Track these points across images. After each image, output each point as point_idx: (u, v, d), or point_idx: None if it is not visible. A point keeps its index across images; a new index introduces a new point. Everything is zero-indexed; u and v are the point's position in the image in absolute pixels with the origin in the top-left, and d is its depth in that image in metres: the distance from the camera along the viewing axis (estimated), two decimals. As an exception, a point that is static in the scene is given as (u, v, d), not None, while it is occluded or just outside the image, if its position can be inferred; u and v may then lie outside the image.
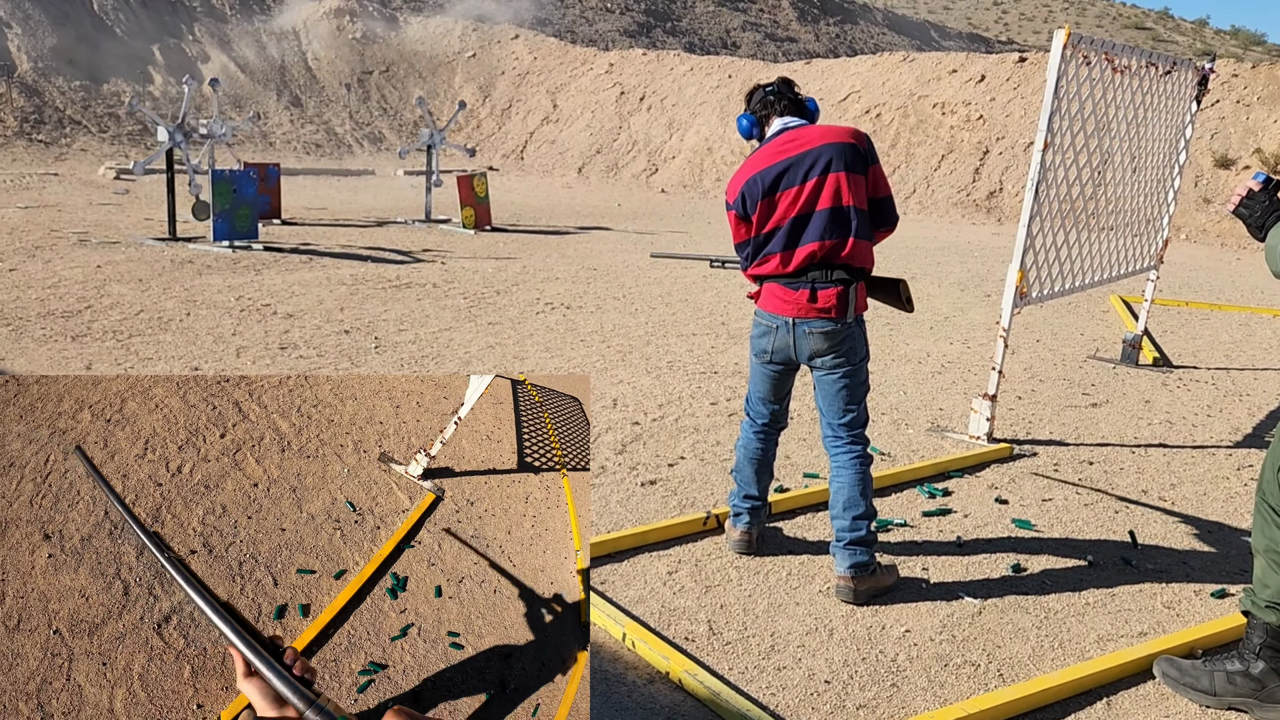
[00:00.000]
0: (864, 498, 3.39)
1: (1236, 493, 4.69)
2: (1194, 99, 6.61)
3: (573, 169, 22.51)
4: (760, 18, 42.12)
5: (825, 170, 3.31)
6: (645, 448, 4.83)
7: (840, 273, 3.35)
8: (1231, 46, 57.18)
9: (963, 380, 6.46)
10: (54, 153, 18.72)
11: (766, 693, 2.85)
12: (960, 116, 19.24)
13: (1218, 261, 13.87)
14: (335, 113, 23.96)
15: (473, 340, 6.76)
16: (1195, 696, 2.91)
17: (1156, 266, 7.00)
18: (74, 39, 21.63)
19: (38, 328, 6.47)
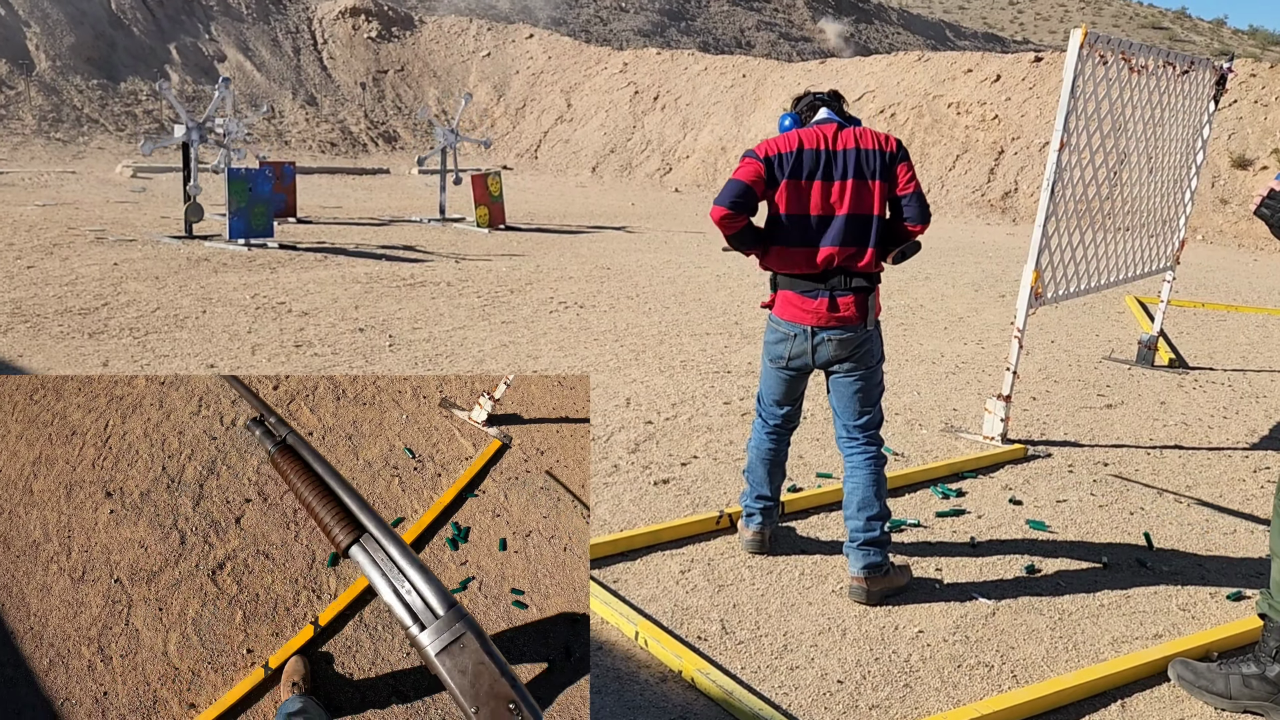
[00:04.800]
0: (879, 498, 3.39)
1: (1253, 495, 4.66)
2: (1212, 99, 6.57)
3: (587, 168, 22.53)
4: (775, 17, 42.06)
5: (858, 175, 3.28)
6: (658, 447, 4.83)
7: (859, 280, 3.34)
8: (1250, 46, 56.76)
9: (977, 381, 6.44)
10: (72, 151, 18.85)
11: (779, 692, 2.85)
12: (975, 116, 19.16)
13: (1235, 262, 13.78)
14: (350, 111, 24.04)
15: (486, 339, 6.78)
16: (1211, 699, 2.90)
17: (1173, 267, 6.96)
18: (92, 38, 21.77)
19: (55, 324, 6.52)
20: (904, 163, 3.35)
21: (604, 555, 3.58)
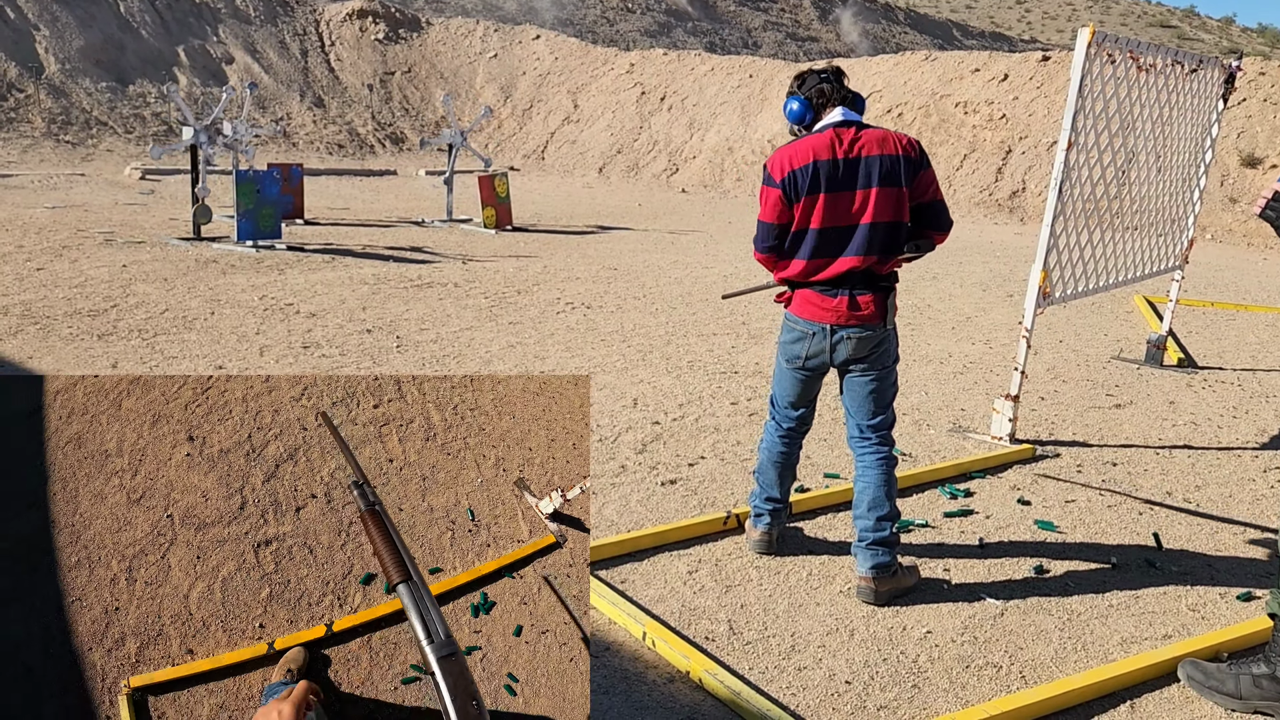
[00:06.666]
0: (889, 499, 3.38)
1: (1262, 495, 4.64)
2: (1220, 97, 6.55)
3: (593, 169, 22.54)
4: (782, 17, 42.02)
5: (881, 182, 3.24)
6: (666, 447, 4.83)
7: (880, 280, 3.33)
8: (1259, 44, 56.56)
9: (985, 381, 6.42)
10: (81, 153, 18.92)
11: (787, 693, 2.85)
12: (983, 116, 19.13)
13: (1244, 262, 13.73)
14: (358, 113, 24.09)
15: (494, 340, 6.79)
16: (1220, 700, 2.89)
17: (1181, 266, 6.93)
18: (100, 41, 21.85)
19: (65, 326, 6.54)
20: (928, 170, 3.33)
21: (611, 556, 3.59)
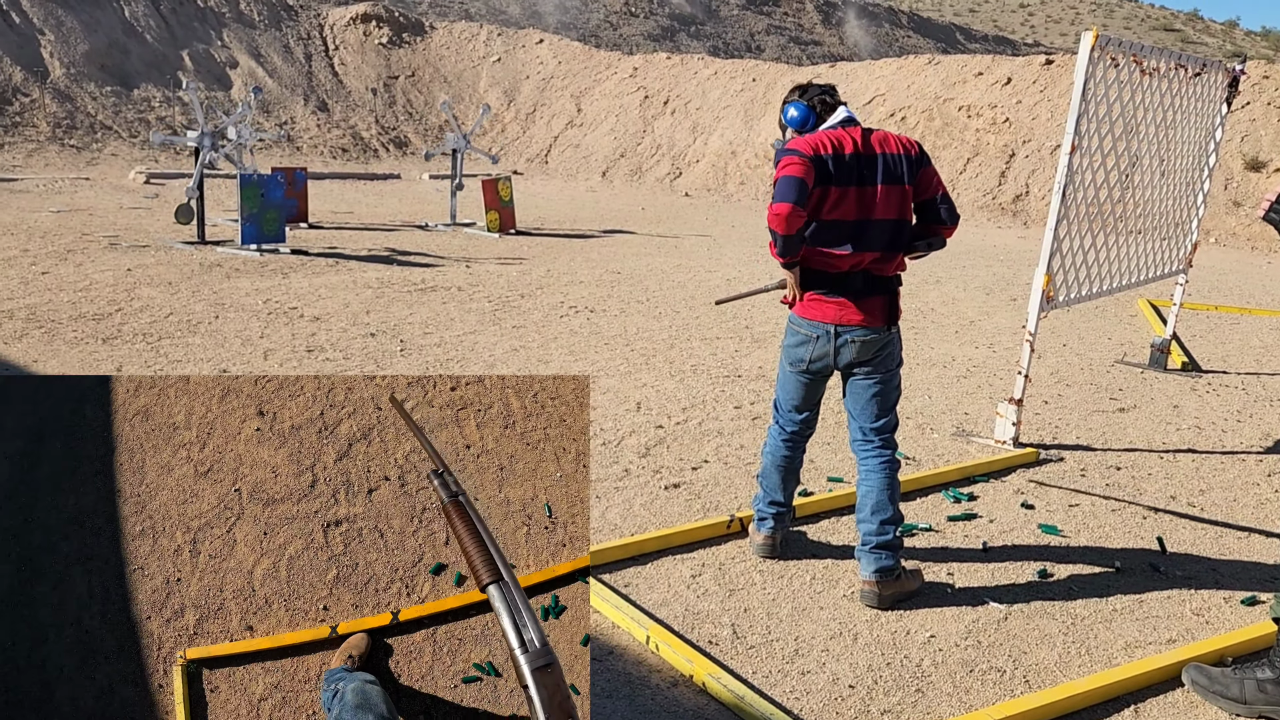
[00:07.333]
0: (892, 502, 3.38)
1: (1267, 499, 4.64)
2: (1224, 101, 6.55)
3: (597, 173, 22.56)
4: (785, 21, 42.06)
5: (887, 180, 3.27)
6: (669, 451, 4.83)
7: (884, 281, 3.34)
8: (1262, 48, 56.53)
9: (988, 384, 6.42)
10: (85, 157, 18.96)
11: (790, 697, 2.85)
12: (986, 119, 19.13)
13: (1248, 265, 13.71)
14: (361, 117, 24.13)
15: (497, 343, 6.79)
16: (1225, 705, 2.88)
17: (1185, 270, 6.93)
18: (105, 45, 21.91)
19: (69, 330, 6.56)
20: (929, 166, 3.36)
21: (615, 560, 3.59)
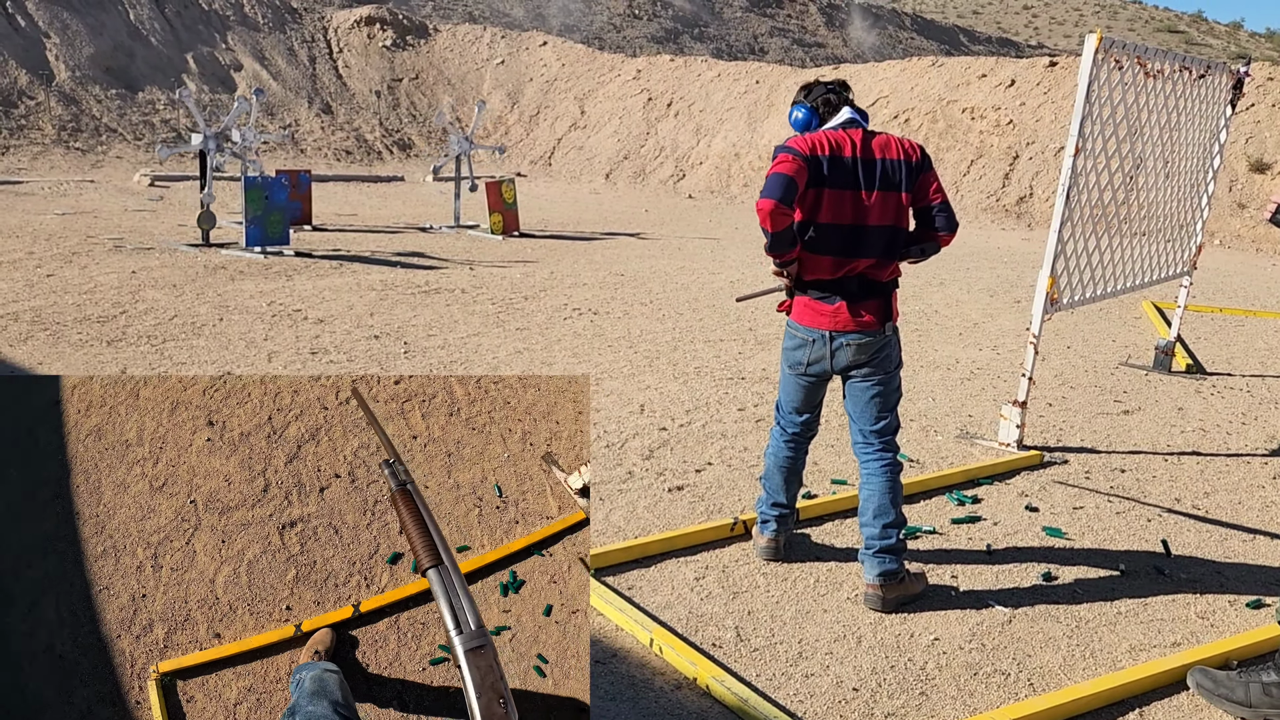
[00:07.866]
0: (894, 505, 3.37)
1: (1272, 501, 4.63)
2: (1229, 103, 6.54)
3: (600, 175, 22.56)
4: (788, 23, 42.07)
5: (884, 186, 3.25)
6: (672, 453, 4.83)
7: (878, 285, 3.34)
8: (1267, 49, 56.45)
9: (992, 387, 6.41)
10: (90, 160, 19.00)
11: (794, 700, 2.84)
12: (990, 121, 19.11)
13: (1253, 267, 13.69)
14: (365, 120, 24.16)
15: (501, 345, 6.80)
16: (1230, 708, 2.87)
17: (1190, 272, 6.92)
18: (110, 48, 21.95)
19: (74, 332, 6.57)
20: (930, 172, 3.34)
21: (618, 562, 3.58)
